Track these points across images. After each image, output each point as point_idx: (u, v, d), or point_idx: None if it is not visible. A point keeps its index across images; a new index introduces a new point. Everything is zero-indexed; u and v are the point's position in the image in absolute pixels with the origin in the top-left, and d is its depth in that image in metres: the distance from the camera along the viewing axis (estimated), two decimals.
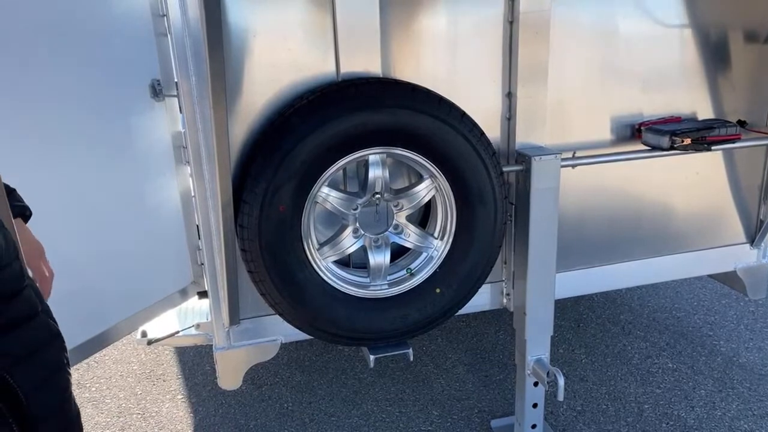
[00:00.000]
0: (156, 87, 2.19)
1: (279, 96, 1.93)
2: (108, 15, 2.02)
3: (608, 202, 2.44)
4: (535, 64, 2.13)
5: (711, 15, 2.34)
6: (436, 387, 2.92)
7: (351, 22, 1.94)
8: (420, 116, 1.88)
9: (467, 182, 1.99)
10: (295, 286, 1.94)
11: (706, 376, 2.92)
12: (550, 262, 2.23)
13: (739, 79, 2.44)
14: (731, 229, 2.65)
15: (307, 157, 1.83)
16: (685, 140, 2.16)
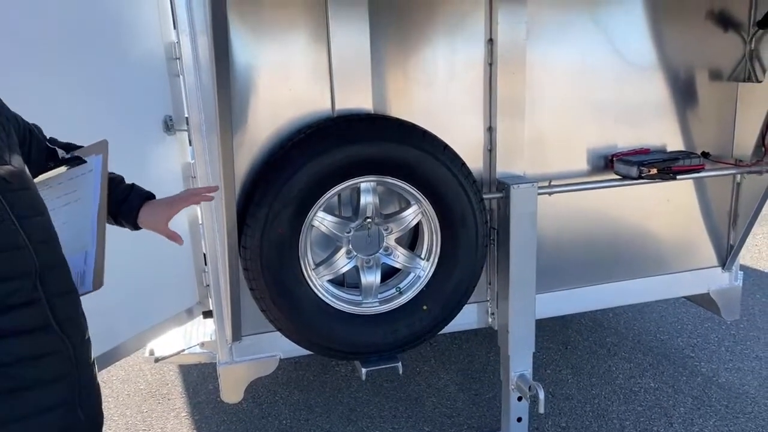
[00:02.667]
0: (168, 122, 2.41)
1: (279, 130, 2.14)
2: (128, 58, 2.25)
3: (587, 227, 2.63)
4: (513, 101, 2.34)
5: (679, 55, 2.56)
6: (428, 405, 3.06)
7: (345, 64, 2.16)
8: (406, 148, 2.08)
9: (450, 208, 2.18)
10: (292, 303, 2.12)
11: (686, 394, 3.06)
12: (530, 282, 2.41)
13: (705, 114, 2.65)
14: (704, 253, 2.82)
15: (304, 185, 2.03)
16: (652, 170, 2.36)
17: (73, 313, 1.10)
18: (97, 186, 1.36)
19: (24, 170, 1.09)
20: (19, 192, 1.02)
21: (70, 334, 1.08)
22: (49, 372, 1.03)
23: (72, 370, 1.08)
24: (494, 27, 2.27)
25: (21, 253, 0.99)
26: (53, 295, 1.04)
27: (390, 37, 2.21)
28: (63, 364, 1.06)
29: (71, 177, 1.40)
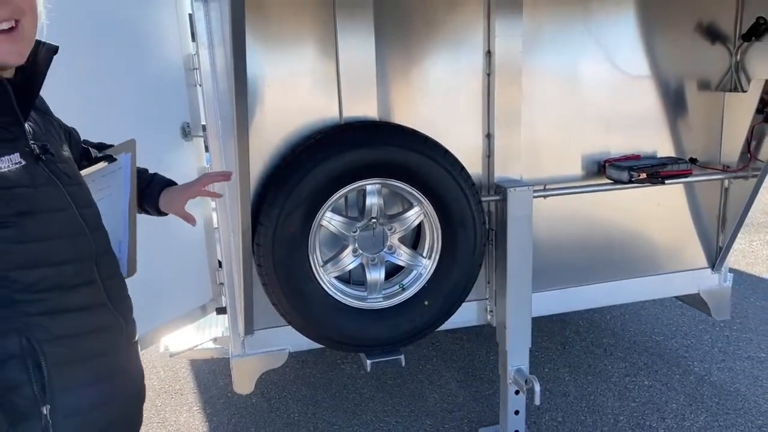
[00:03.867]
0: (186, 129, 2.56)
1: (291, 136, 2.29)
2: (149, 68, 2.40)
3: (581, 229, 2.76)
4: (510, 109, 2.48)
5: (668, 66, 2.70)
6: (429, 400, 3.19)
7: (352, 74, 2.30)
8: (409, 153, 2.23)
9: (450, 209, 2.32)
10: (302, 298, 2.25)
11: (678, 392, 3.18)
12: (526, 281, 2.54)
13: (693, 122, 2.79)
14: (694, 255, 2.95)
15: (314, 187, 2.17)
16: (641, 175, 2.50)
17: (122, 294, 1.24)
18: (128, 181, 1.50)
19: (76, 168, 1.24)
20: (75, 186, 1.17)
21: (121, 313, 1.22)
22: (108, 344, 1.17)
23: (124, 344, 1.22)
24: (492, 40, 2.42)
25: (83, 238, 1.13)
26: (105, 277, 1.18)
27: (394, 49, 2.36)
28: (118, 338, 1.21)
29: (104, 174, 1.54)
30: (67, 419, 1.08)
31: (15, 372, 1.03)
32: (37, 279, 1.04)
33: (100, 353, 1.15)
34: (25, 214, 1.01)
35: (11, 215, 0.99)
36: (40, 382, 1.05)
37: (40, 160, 1.07)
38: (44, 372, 1.05)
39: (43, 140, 1.12)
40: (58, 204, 1.08)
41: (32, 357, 1.04)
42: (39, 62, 1.11)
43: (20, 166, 1.01)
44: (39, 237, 1.04)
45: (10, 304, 1.02)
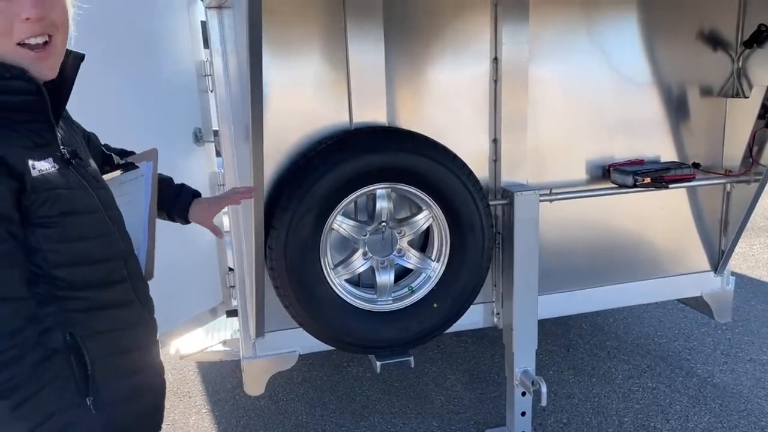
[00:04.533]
0: (197, 134, 2.61)
1: (302, 141, 2.33)
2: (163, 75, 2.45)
3: (586, 233, 2.80)
4: (517, 115, 2.53)
5: (671, 72, 2.75)
6: (436, 402, 3.22)
7: (362, 81, 2.35)
8: (418, 158, 2.27)
9: (459, 213, 2.36)
10: (314, 300, 2.29)
11: (682, 393, 3.21)
12: (532, 283, 2.58)
13: (696, 127, 2.83)
14: (696, 258, 2.99)
15: (325, 191, 2.21)
16: (646, 179, 2.54)
17: (147, 294, 1.29)
18: (148, 189, 1.55)
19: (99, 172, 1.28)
20: (102, 189, 1.21)
21: (148, 310, 1.27)
22: (139, 339, 1.22)
23: (152, 340, 1.27)
24: (499, 47, 2.46)
25: (113, 239, 1.18)
26: (133, 276, 1.22)
27: (403, 56, 2.40)
28: (147, 334, 1.25)
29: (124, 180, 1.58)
30: (109, 409, 1.13)
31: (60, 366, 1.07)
32: (78, 277, 1.09)
33: (134, 348, 1.20)
34: (66, 214, 1.06)
35: (55, 215, 1.04)
36: (83, 375, 1.09)
37: (71, 165, 1.11)
38: (87, 365, 1.09)
39: (71, 145, 1.17)
40: (91, 206, 1.13)
41: (75, 351, 1.09)
42: (67, 70, 1.15)
43: (55, 169, 1.05)
44: (78, 237, 1.08)
45: (54, 302, 1.07)
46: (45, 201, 1.03)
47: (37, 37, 1.04)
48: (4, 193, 0.98)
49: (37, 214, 1.02)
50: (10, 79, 1.02)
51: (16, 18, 1.01)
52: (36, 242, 1.03)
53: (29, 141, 1.04)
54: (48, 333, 1.06)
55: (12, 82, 1.02)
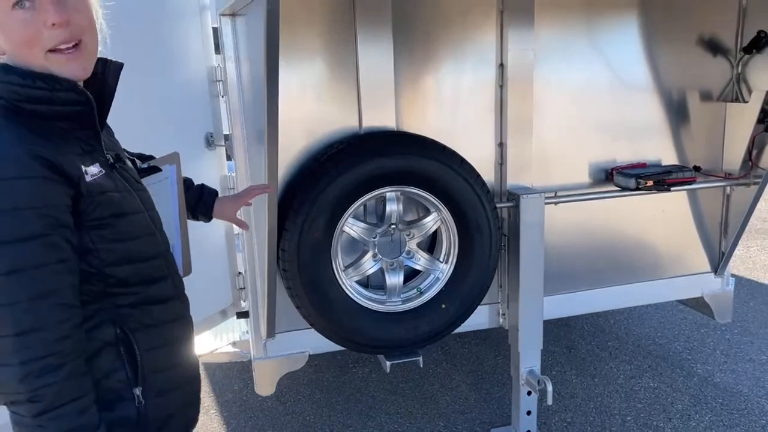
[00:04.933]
0: (209, 139, 2.66)
1: (314, 145, 2.38)
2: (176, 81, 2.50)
3: (590, 235, 2.85)
4: (522, 119, 2.58)
5: (672, 77, 2.81)
6: (441, 402, 3.27)
7: (371, 86, 2.40)
8: (427, 161, 2.32)
9: (467, 215, 2.41)
10: (325, 301, 2.34)
11: (683, 393, 3.27)
12: (538, 284, 2.63)
13: (696, 131, 2.89)
14: (697, 259, 3.05)
15: (337, 195, 2.26)
16: (648, 182, 2.60)
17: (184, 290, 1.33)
18: (174, 190, 1.59)
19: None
20: (142, 191, 1.26)
21: (186, 305, 1.32)
22: (181, 332, 1.27)
23: (191, 333, 1.32)
24: (505, 53, 2.52)
25: (155, 238, 1.22)
26: (173, 274, 1.27)
27: (411, 62, 2.46)
28: (187, 328, 1.30)
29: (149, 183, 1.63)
30: (156, 399, 1.18)
31: (110, 358, 1.13)
32: (128, 274, 1.13)
33: (177, 340, 1.25)
34: (116, 216, 1.11)
35: (107, 217, 1.09)
36: (133, 366, 1.14)
37: (115, 168, 1.16)
38: (137, 357, 1.14)
39: (113, 150, 1.22)
40: (136, 207, 1.18)
41: (125, 344, 1.14)
42: (109, 79, 1.20)
43: (103, 174, 1.10)
44: (128, 236, 1.13)
45: (105, 298, 1.11)
46: (98, 204, 1.08)
47: (67, 44, 1.08)
48: (62, 201, 1.02)
49: (91, 216, 1.07)
50: (61, 90, 1.07)
51: (43, 26, 1.04)
52: (90, 243, 1.07)
53: (78, 148, 1.09)
54: (100, 327, 1.11)
55: (63, 93, 1.07)
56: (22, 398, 0.99)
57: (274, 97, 1.87)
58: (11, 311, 0.97)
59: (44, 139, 1.03)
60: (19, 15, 1.03)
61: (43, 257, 0.99)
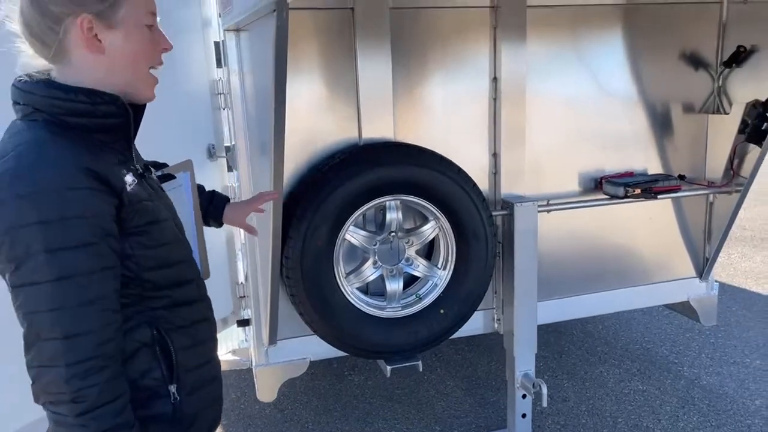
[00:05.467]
0: (211, 150, 2.72)
1: (316, 156, 2.46)
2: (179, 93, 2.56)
3: (581, 242, 2.95)
4: (515, 130, 2.68)
5: (657, 91, 2.92)
6: (437, 407, 3.33)
7: (370, 99, 2.48)
8: (426, 171, 2.40)
9: (464, 223, 2.49)
10: (327, 307, 2.40)
11: (671, 395, 3.36)
12: (532, 290, 2.72)
13: (680, 141, 3.01)
14: (683, 264, 3.16)
15: (338, 203, 2.33)
16: (636, 190, 2.70)
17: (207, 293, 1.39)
18: (189, 197, 1.66)
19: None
20: (166, 199, 1.32)
21: (210, 307, 1.38)
22: (208, 332, 1.33)
23: (216, 334, 1.38)
24: (498, 67, 2.62)
25: (182, 243, 1.29)
26: (196, 277, 1.33)
27: (409, 76, 2.54)
28: (212, 328, 1.36)
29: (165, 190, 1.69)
30: (188, 396, 1.24)
31: (147, 358, 1.18)
32: (161, 278, 1.19)
33: (204, 340, 1.31)
34: (150, 223, 1.16)
35: (143, 225, 1.14)
36: (168, 365, 1.20)
37: (144, 178, 1.22)
38: (172, 356, 1.20)
39: (140, 161, 1.28)
40: (165, 214, 1.24)
41: (160, 344, 1.19)
42: None
43: (136, 184, 1.16)
44: (160, 242, 1.19)
45: (142, 301, 1.17)
46: (136, 213, 1.13)
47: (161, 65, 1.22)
48: (108, 211, 1.07)
49: (130, 225, 1.12)
50: (103, 104, 1.13)
51: (158, 47, 1.19)
52: (130, 249, 1.13)
53: (116, 159, 1.14)
54: (138, 329, 1.16)
55: (104, 107, 1.13)
56: (66, 398, 1.03)
57: (281, 109, 1.94)
58: (60, 316, 1.02)
59: (88, 151, 1.09)
60: (147, 33, 1.16)
61: (90, 265, 1.04)
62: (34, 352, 1.04)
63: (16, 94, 1.12)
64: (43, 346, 1.03)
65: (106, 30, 1.11)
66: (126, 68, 1.15)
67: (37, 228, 0.99)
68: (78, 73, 1.12)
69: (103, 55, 1.12)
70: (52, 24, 1.08)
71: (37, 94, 1.09)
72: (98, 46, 1.11)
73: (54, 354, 1.02)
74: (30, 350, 1.04)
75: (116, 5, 1.11)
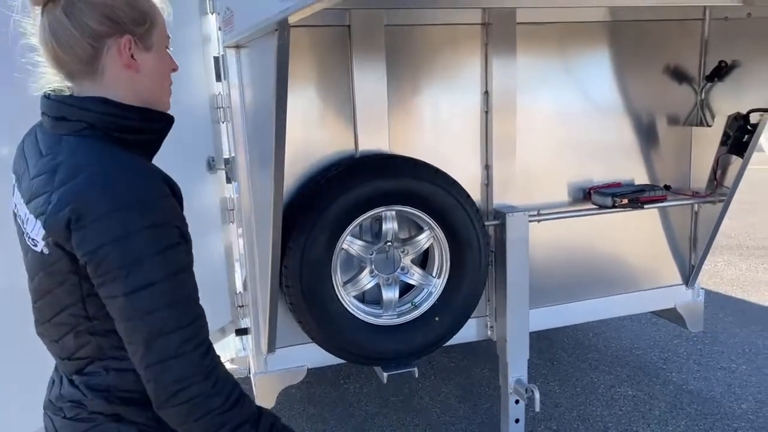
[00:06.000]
0: (210, 162, 2.78)
1: (314, 168, 2.53)
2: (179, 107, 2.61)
3: (571, 251, 3.03)
4: (506, 142, 2.76)
5: (643, 104, 3.02)
6: (432, 415, 3.39)
7: (366, 113, 2.55)
8: (421, 182, 2.48)
9: (458, 233, 2.57)
10: (326, 315, 2.46)
11: (660, 400, 3.44)
12: (524, 298, 2.79)
13: (666, 153, 3.11)
14: (670, 272, 3.25)
15: (336, 214, 2.40)
16: (623, 200, 2.79)
17: None
18: None
19: None
20: None
21: None
22: None
23: None
24: (489, 81, 2.71)
25: None
26: None
27: (403, 91, 2.62)
28: None
29: None
30: None
31: None
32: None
33: None
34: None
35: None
36: None
37: None
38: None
39: None
40: None
41: None
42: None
43: None
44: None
45: None
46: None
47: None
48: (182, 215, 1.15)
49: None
50: (155, 121, 1.22)
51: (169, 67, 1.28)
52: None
53: None
54: None
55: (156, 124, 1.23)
56: (200, 377, 1.08)
57: (281, 123, 2.01)
58: (177, 309, 1.08)
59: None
60: (168, 55, 1.27)
61: (187, 260, 1.13)
62: (158, 349, 1.07)
63: (64, 109, 1.15)
64: (168, 339, 1.07)
65: (142, 51, 1.19)
66: (154, 85, 1.23)
67: (146, 233, 1.05)
68: (107, 88, 1.17)
69: (138, 73, 1.19)
70: (92, 41, 1.13)
71: (93, 111, 1.14)
72: (135, 65, 1.18)
73: (181, 342, 1.07)
74: (151, 349, 1.07)
75: (151, 29, 1.20)
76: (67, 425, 1.19)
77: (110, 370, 1.17)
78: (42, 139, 1.18)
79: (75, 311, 1.14)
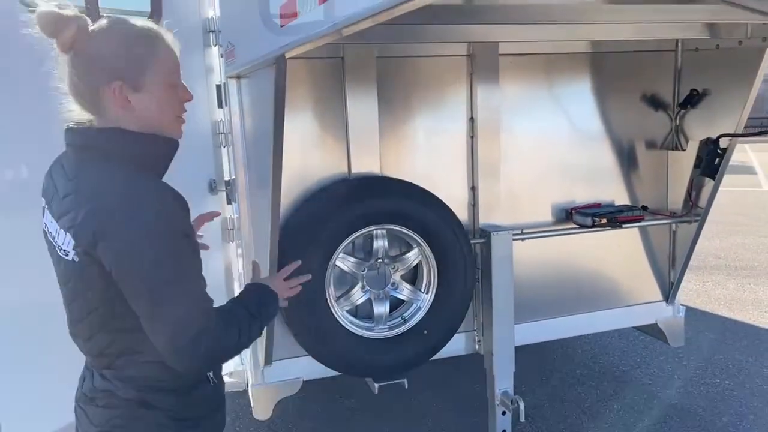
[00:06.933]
0: (212, 184, 2.94)
1: (308, 188, 2.69)
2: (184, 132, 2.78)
3: (553, 268, 3.18)
4: (491, 165, 2.93)
5: (621, 129, 3.20)
6: (423, 426, 3.50)
7: (358, 138, 2.73)
8: (409, 202, 2.64)
9: (445, 250, 2.72)
10: (320, 329, 2.60)
11: (645, 414, 3.56)
12: (509, 313, 2.93)
13: (643, 175, 3.28)
14: (651, 289, 3.39)
15: (329, 233, 2.55)
16: (602, 220, 2.95)
17: None
18: None
19: None
20: None
21: None
22: None
23: None
24: (474, 108, 2.89)
25: None
26: None
27: (394, 117, 2.80)
28: None
29: None
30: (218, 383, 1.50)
31: None
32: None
33: None
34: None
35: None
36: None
37: None
38: None
39: None
40: None
41: None
42: None
43: None
44: None
45: None
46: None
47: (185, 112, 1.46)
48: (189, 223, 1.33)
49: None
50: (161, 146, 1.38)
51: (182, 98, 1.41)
52: None
53: None
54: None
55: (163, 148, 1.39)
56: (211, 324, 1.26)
57: (279, 149, 2.18)
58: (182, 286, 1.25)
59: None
60: (171, 90, 1.37)
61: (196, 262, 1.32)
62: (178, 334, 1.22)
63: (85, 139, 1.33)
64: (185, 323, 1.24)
65: (133, 92, 1.33)
66: (152, 119, 1.37)
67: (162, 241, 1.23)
68: (118, 121, 1.34)
69: (134, 111, 1.34)
70: (90, 89, 1.32)
71: (109, 139, 1.31)
72: (129, 105, 1.33)
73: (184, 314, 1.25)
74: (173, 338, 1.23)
75: (142, 73, 1.33)
76: (100, 413, 1.35)
77: (137, 363, 1.33)
78: (67, 165, 1.36)
79: (104, 311, 1.30)
